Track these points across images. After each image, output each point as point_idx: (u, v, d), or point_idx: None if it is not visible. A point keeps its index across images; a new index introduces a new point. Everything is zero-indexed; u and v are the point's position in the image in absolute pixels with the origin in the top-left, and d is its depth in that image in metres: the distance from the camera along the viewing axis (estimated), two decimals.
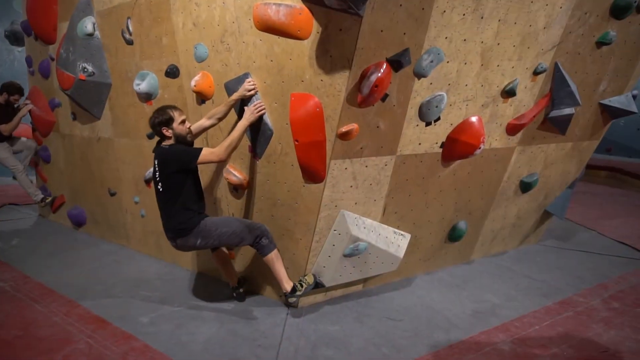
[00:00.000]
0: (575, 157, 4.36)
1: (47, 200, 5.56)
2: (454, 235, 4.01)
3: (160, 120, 2.98)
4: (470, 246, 4.33)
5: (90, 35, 4.07)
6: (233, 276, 3.51)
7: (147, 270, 4.12)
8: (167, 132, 3.01)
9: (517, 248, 4.84)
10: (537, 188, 4.28)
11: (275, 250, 3.16)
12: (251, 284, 3.64)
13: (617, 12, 3.33)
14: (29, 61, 5.32)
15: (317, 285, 3.28)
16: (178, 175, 3.00)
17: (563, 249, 4.87)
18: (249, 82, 2.96)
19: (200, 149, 2.96)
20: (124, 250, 4.65)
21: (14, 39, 5.81)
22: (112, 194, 4.66)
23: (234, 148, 2.98)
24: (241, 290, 3.51)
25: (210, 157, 2.95)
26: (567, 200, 4.79)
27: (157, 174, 3.04)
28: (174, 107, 3.06)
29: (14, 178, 5.61)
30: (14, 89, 5.33)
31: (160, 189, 3.05)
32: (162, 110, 3.02)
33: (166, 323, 3.14)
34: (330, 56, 2.56)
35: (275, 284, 3.46)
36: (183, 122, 3.03)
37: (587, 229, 5.59)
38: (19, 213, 6.08)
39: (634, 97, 4.28)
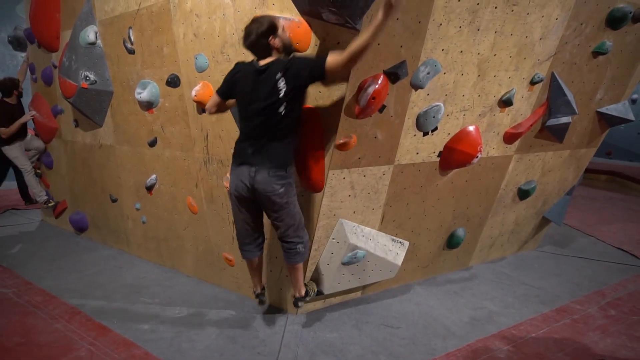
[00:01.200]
0: (573, 164, 4.39)
1: (50, 204, 5.62)
2: (452, 242, 4.04)
3: (264, 31, 2.50)
4: (469, 253, 4.36)
5: (93, 44, 4.12)
6: (261, 283, 3.33)
7: (147, 276, 4.16)
8: (276, 41, 2.54)
9: (516, 254, 4.87)
10: (535, 195, 4.31)
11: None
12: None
13: (613, 23, 3.36)
14: (32, 68, 5.38)
15: (317, 293, 3.31)
16: (303, 96, 2.59)
17: (561, 255, 4.89)
18: None
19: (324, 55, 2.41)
20: (124, 256, 4.69)
21: (17, 44, 5.87)
22: (114, 201, 4.70)
23: (359, 55, 2.28)
24: (264, 295, 3.31)
25: (336, 58, 2.36)
26: (565, 206, 4.81)
27: (281, 93, 2.50)
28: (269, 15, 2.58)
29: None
30: (15, 83, 5.46)
31: (283, 112, 2.53)
32: (260, 19, 2.53)
33: (166, 330, 3.18)
34: None
35: (274, 290, 3.50)
36: (284, 29, 2.61)
37: (586, 235, 5.61)
38: (20, 218, 6.14)
39: (634, 101, 4.30)
